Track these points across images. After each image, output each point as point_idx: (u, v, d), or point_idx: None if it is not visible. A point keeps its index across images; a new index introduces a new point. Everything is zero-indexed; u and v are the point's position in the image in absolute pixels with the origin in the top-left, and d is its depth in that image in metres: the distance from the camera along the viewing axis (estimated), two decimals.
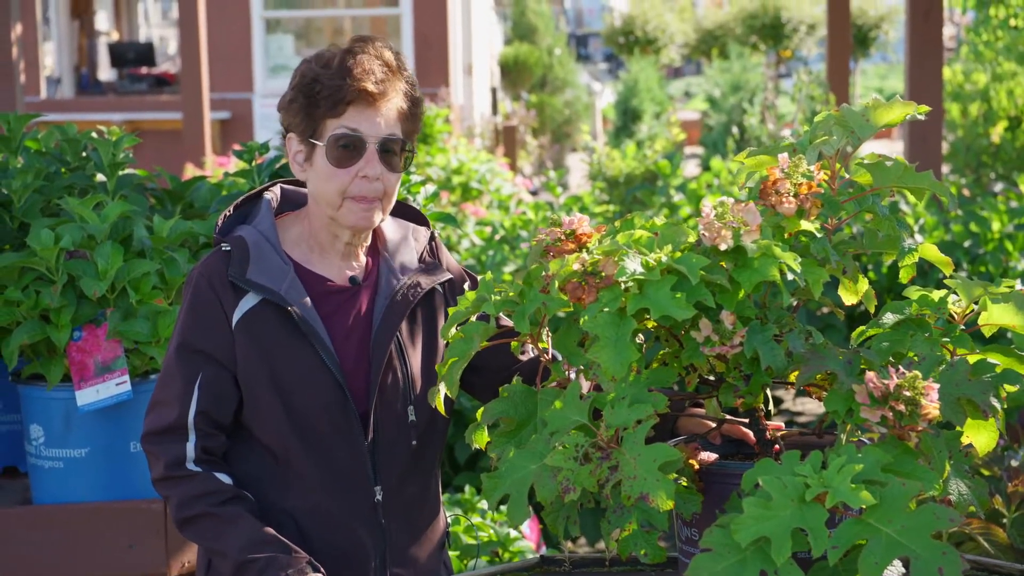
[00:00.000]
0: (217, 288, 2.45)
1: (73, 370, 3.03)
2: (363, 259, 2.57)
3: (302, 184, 2.57)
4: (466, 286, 2.64)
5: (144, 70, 17.83)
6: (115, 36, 20.87)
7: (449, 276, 2.62)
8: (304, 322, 2.44)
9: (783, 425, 2.33)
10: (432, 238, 2.65)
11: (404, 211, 2.66)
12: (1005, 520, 3.23)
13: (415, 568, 2.58)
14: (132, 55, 17.93)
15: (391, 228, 2.61)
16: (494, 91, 21.28)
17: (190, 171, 8.79)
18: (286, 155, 2.54)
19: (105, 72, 19.48)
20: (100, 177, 3.31)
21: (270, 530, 2.40)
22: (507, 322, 2.25)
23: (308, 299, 2.46)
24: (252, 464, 2.50)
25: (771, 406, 2.32)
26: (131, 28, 22.03)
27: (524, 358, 2.61)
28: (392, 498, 2.53)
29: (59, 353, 3.04)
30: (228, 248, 2.47)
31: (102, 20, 21.07)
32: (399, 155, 2.49)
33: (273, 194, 2.58)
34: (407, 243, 2.61)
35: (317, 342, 2.45)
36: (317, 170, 2.47)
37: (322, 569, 2.39)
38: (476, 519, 4.13)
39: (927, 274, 5.56)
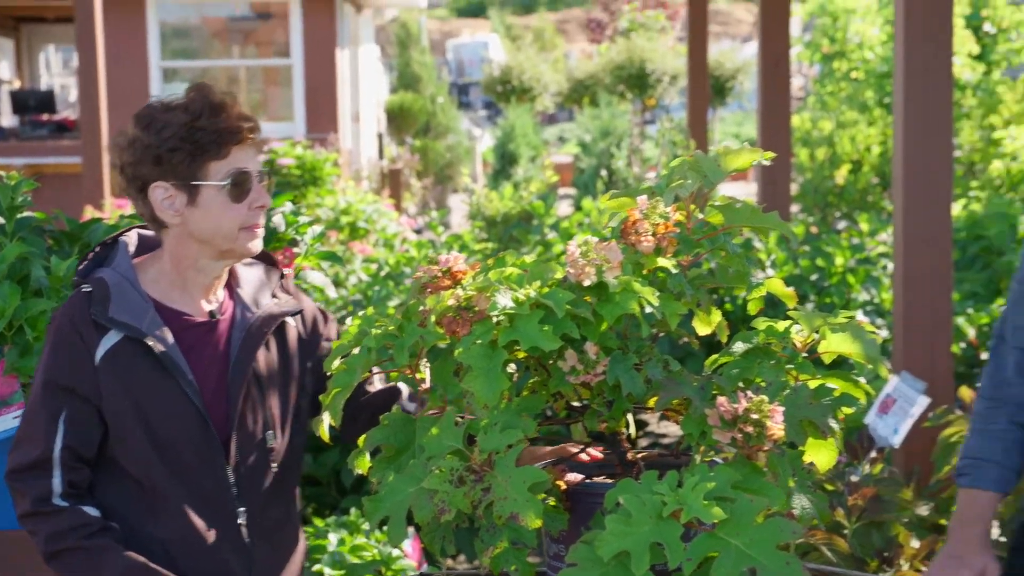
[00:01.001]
0: (80, 327, 2.43)
1: None
2: (221, 295, 2.57)
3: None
4: (319, 319, 2.69)
5: (45, 116, 17.50)
6: (17, 84, 20.48)
7: (301, 308, 2.64)
8: (165, 356, 2.43)
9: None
10: (282, 276, 2.67)
11: (258, 254, 2.67)
12: (846, 531, 3.28)
13: None
14: (33, 102, 17.60)
15: (245, 267, 2.62)
16: (380, 136, 21.24)
17: (89, 213, 8.64)
18: (140, 206, 2.51)
19: (7, 119, 19.10)
20: None
21: (140, 558, 2.37)
22: None
23: (169, 334, 2.45)
24: (118, 494, 2.47)
25: (633, 430, 2.34)
26: (32, 76, 21.65)
27: (372, 389, 2.63)
28: (256, 521, 2.52)
29: None
30: (89, 289, 2.45)
31: (4, 69, 20.68)
32: (269, 183, 2.56)
33: (129, 238, 2.57)
34: (260, 280, 2.63)
35: (178, 374, 2.44)
36: (207, 209, 2.47)
37: None
38: (361, 540, 4.10)
39: (778, 305, 5.65)
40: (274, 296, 2.63)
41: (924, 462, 4.27)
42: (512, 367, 2.18)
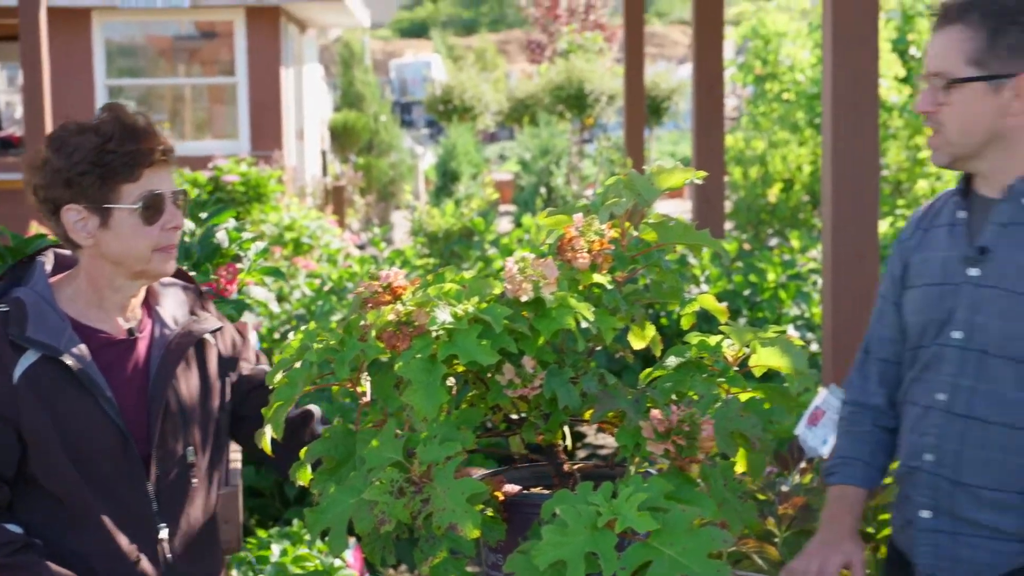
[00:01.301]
0: None
1: None
2: (138, 312, 2.54)
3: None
4: (236, 339, 2.68)
5: None
6: None
7: (219, 325, 2.62)
8: (83, 374, 2.40)
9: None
10: (200, 294, 2.65)
11: (176, 272, 2.66)
12: (777, 539, 3.31)
13: None
14: None
15: (162, 285, 2.60)
16: (324, 154, 21.17)
17: (34, 228, 8.55)
18: (53, 227, 2.48)
19: None
20: None
21: (66, 572, 2.34)
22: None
23: (87, 352, 2.42)
24: (39, 511, 2.42)
25: (569, 442, 2.35)
26: None
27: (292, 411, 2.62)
28: (176, 535, 2.50)
29: None
30: (6, 309, 2.41)
31: None
32: (184, 203, 2.51)
33: (46, 257, 2.53)
34: (177, 298, 2.60)
35: (97, 392, 2.40)
36: (119, 232, 2.43)
37: None
38: (303, 550, 4.09)
39: (711, 320, 5.67)
40: (193, 314, 2.60)
41: None
42: (451, 381, 2.19)
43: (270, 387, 2.25)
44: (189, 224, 3.46)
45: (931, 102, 2.49)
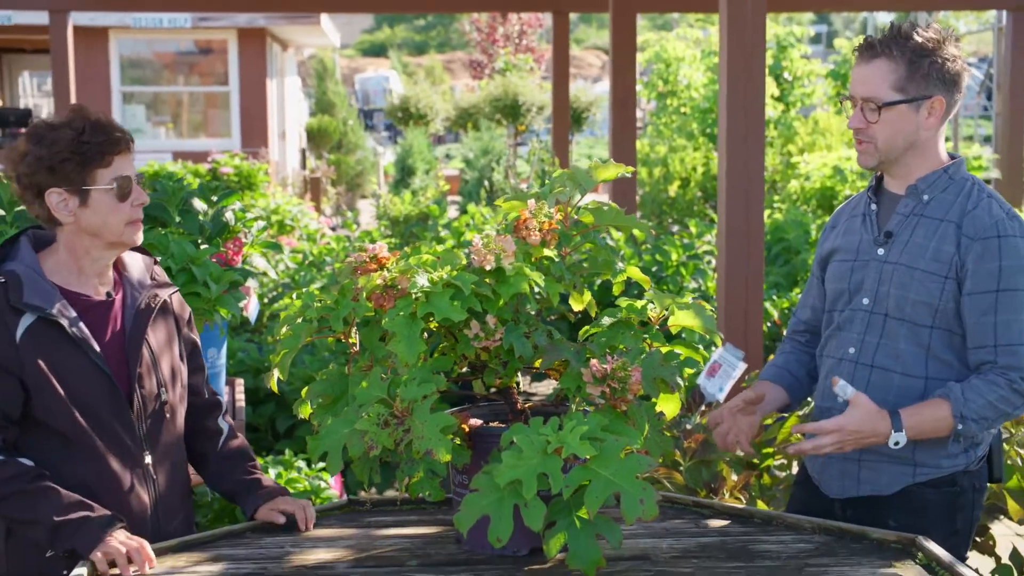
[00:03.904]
0: (0, 312, 2.37)
1: None
2: (111, 278, 2.52)
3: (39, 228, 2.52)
4: (180, 299, 2.66)
5: (23, 130, 16.94)
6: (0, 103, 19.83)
7: (175, 288, 2.63)
8: (74, 332, 2.38)
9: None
10: (155, 262, 2.64)
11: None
12: (682, 468, 3.35)
13: (176, 512, 2.56)
14: (13, 118, 17.02)
15: (127, 256, 2.58)
16: (303, 151, 20.99)
17: None
18: (36, 209, 2.44)
19: None
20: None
21: (77, 496, 2.33)
22: None
23: (74, 313, 2.40)
24: (45, 447, 2.40)
25: (521, 386, 2.37)
26: (12, 97, 20.99)
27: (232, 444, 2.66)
28: (158, 460, 2.49)
29: None
30: (3, 280, 2.39)
31: None
32: (144, 183, 2.52)
33: (28, 237, 2.50)
34: (139, 266, 2.59)
35: (86, 346, 2.39)
36: (97, 209, 2.41)
37: (124, 519, 2.34)
38: (294, 474, 4.09)
39: (632, 288, 5.72)
40: (152, 279, 2.59)
41: None
42: (427, 334, 2.21)
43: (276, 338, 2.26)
44: (202, 205, 3.43)
45: (862, 120, 2.55)
